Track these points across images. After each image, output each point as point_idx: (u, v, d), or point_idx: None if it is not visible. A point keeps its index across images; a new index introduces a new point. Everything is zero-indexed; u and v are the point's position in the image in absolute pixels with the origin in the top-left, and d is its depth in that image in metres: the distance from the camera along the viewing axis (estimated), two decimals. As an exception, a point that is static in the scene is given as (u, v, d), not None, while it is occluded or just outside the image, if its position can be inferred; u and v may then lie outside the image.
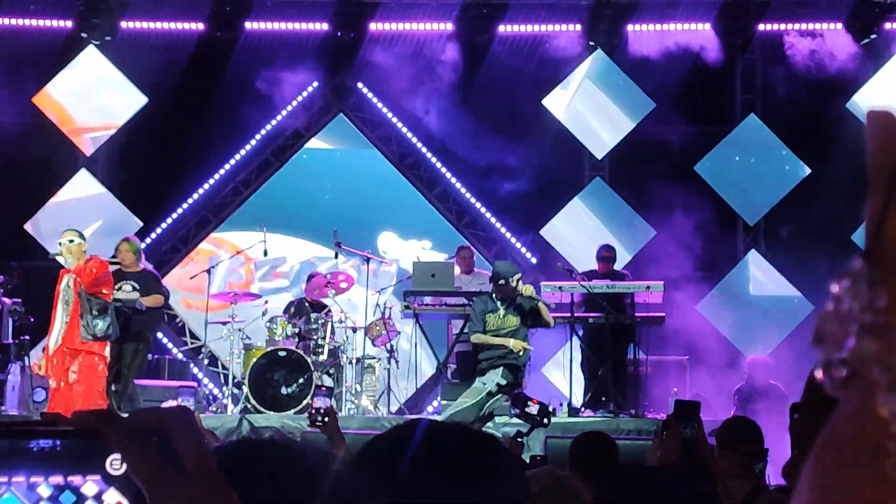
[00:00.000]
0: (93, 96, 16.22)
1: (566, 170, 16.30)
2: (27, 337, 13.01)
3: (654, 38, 15.87)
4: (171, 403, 11.55)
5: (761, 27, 15.93)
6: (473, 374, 12.36)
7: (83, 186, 16.18)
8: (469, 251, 13.68)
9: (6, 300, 12.80)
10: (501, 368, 10.83)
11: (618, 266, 13.80)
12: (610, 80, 16.18)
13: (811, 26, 15.70)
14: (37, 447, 1.24)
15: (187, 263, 16.08)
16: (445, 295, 12.88)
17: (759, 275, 15.79)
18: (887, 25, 15.58)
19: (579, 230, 15.97)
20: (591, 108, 16.21)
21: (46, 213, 15.93)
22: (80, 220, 15.88)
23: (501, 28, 16.10)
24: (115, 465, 1.24)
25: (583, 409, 12.48)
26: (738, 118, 16.15)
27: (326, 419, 5.80)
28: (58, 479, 1.23)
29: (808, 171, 15.68)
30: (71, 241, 11.12)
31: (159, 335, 15.08)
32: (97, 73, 16.20)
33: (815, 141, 15.62)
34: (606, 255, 13.41)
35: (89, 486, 1.25)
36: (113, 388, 11.77)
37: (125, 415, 1.29)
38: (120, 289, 11.97)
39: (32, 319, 13.23)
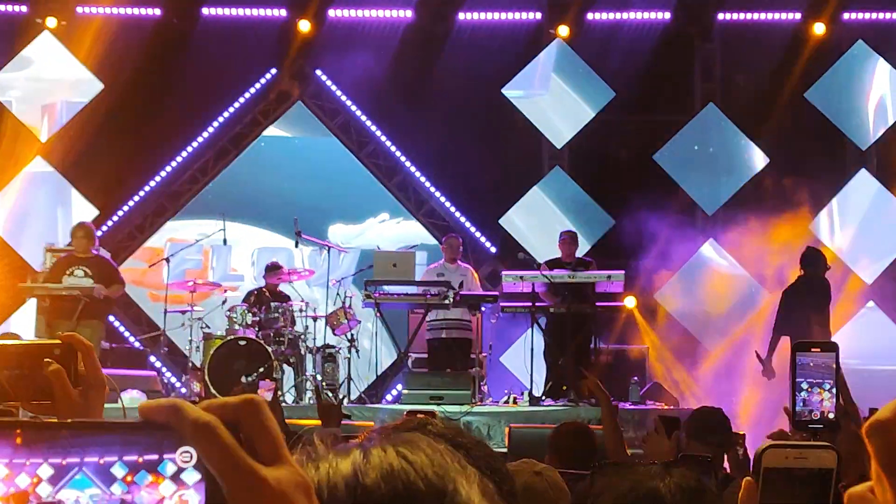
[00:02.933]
0: (48, 81, 16.02)
1: (525, 159, 16.29)
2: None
3: (614, 26, 15.89)
4: (131, 393, 11.45)
5: (721, 16, 15.97)
6: (444, 365, 12.38)
7: (38, 172, 15.99)
8: (456, 240, 13.58)
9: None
10: None
11: (578, 254, 13.79)
12: (570, 69, 16.18)
13: (771, 16, 15.77)
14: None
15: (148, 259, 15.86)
16: (406, 284, 12.84)
17: (717, 263, 15.85)
18: (845, 16, 15.67)
19: (539, 219, 15.97)
20: (550, 96, 16.20)
21: (0, 200, 15.74)
22: (35, 206, 15.74)
23: (461, 16, 16.05)
24: (184, 457, 1.20)
25: (543, 398, 12.50)
26: (697, 107, 16.19)
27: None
28: (133, 458, 1.18)
29: (766, 160, 15.75)
30: None
31: (116, 324, 14.95)
32: (52, 58, 16.00)
33: (774, 130, 15.69)
34: (567, 238, 13.39)
35: (168, 466, 1.20)
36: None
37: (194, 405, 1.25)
38: (71, 274, 11.85)
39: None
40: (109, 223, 15.79)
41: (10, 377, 1.71)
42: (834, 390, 2.66)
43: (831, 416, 2.36)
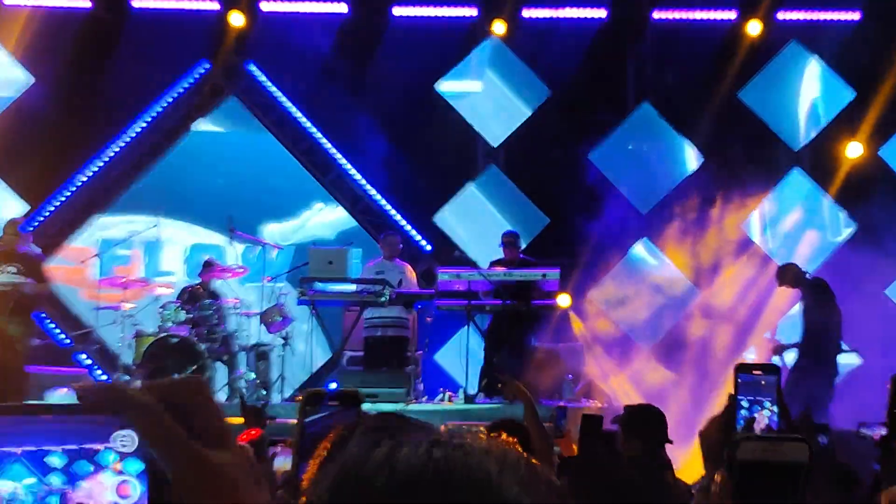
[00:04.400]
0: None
1: (461, 157, 16.25)
2: None
3: (550, 24, 15.91)
4: (60, 391, 11.29)
5: (656, 15, 16.04)
6: (380, 363, 12.31)
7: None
8: (395, 238, 13.55)
9: None
10: None
11: (514, 253, 13.80)
12: (505, 67, 16.18)
13: (706, 15, 15.87)
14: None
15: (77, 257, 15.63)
16: (342, 282, 12.77)
17: (650, 262, 15.93)
18: (780, 16, 15.80)
19: (474, 217, 15.95)
20: (486, 94, 16.19)
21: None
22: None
23: (396, 10, 15.97)
24: (123, 441, 1.15)
25: (478, 396, 12.49)
26: (631, 106, 16.26)
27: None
28: (72, 447, 1.13)
29: (700, 159, 15.85)
30: None
31: (46, 320, 14.73)
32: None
33: (707, 130, 15.80)
34: (509, 240, 13.38)
35: (109, 455, 1.16)
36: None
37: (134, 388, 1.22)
38: (3, 271, 11.68)
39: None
40: (40, 219, 15.54)
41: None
42: (775, 408, 2.67)
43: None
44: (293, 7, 15.97)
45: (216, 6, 15.94)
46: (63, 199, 15.79)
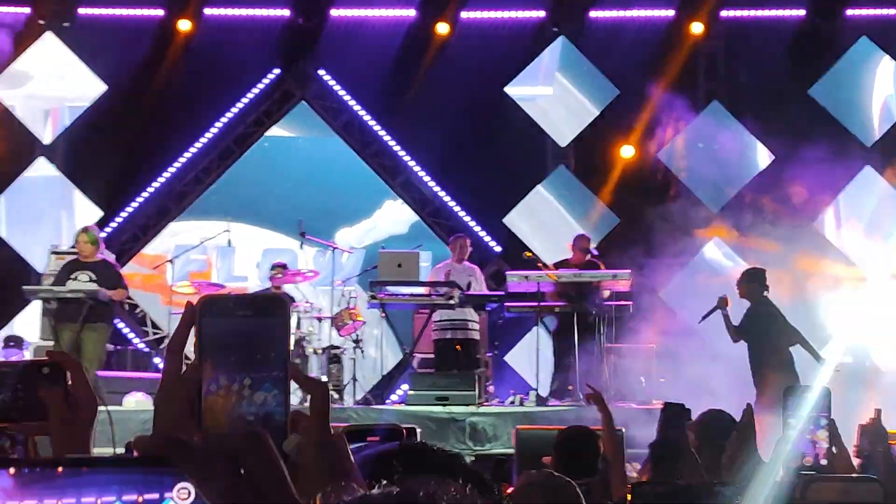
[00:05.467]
0: (51, 84, 16.02)
1: (529, 158, 16.25)
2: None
3: (617, 24, 15.85)
4: (136, 395, 11.43)
5: (724, 13, 15.92)
6: (450, 365, 12.33)
7: (41, 175, 15.98)
8: (464, 240, 13.51)
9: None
10: None
11: (585, 254, 13.76)
12: (574, 67, 16.15)
13: (775, 13, 15.72)
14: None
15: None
16: (412, 284, 12.81)
17: (722, 262, 15.81)
18: (849, 12, 15.62)
19: (542, 218, 15.94)
20: (554, 95, 16.17)
21: (4, 202, 15.74)
22: (39, 209, 15.73)
23: (464, 14, 16.01)
24: (181, 493, 1.17)
25: (549, 398, 12.46)
26: (701, 105, 16.15)
27: None
28: (132, 497, 1.15)
29: (771, 157, 15.71)
30: None
31: (120, 325, 14.92)
32: (56, 60, 15.99)
33: (778, 127, 15.65)
34: (585, 245, 13.33)
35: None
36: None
37: (194, 440, 1.23)
38: (76, 278, 11.82)
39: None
40: (113, 225, 15.77)
41: (2, 399, 1.70)
42: (827, 434, 2.63)
43: (824, 462, 2.33)
44: (362, 12, 16.05)
45: (286, 12, 16.07)
46: (136, 205, 16.01)
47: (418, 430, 4.32)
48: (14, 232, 15.84)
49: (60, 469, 1.13)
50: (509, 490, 6.20)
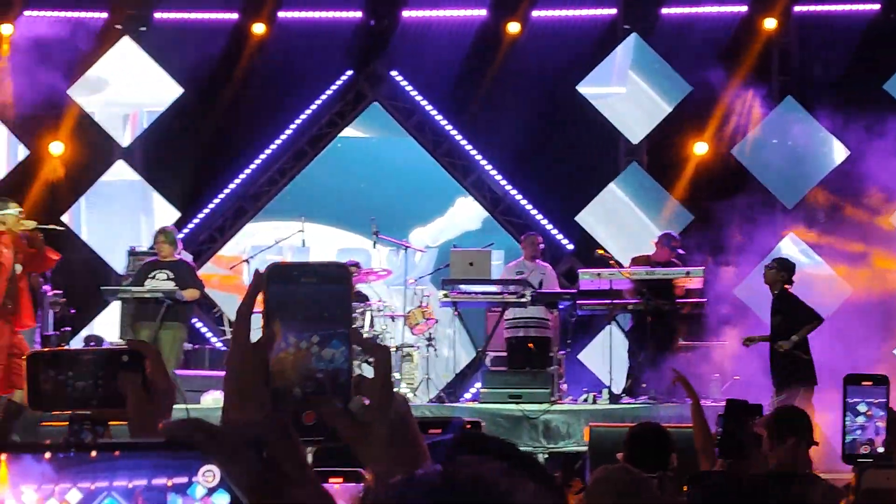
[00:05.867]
0: (128, 88, 16.27)
1: (602, 155, 16.22)
2: (69, 328, 13.16)
3: (689, 20, 15.78)
4: (213, 394, 11.59)
5: (797, 8, 15.77)
6: (523, 363, 12.35)
7: (120, 177, 16.25)
8: (536, 238, 13.52)
9: (48, 292, 12.86)
10: None
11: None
12: (646, 64, 16.09)
13: (848, 7, 15.55)
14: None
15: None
16: (484, 283, 12.85)
17: (798, 256, 15.65)
18: None
19: (615, 216, 15.90)
20: (626, 92, 16.12)
21: (84, 204, 16.02)
22: (118, 210, 15.99)
23: (535, 13, 16.01)
24: (206, 476, 1.20)
25: (623, 396, 12.44)
26: (775, 101, 16.01)
27: None
28: (162, 481, 1.19)
29: (846, 153, 15.54)
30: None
31: (198, 325, 15.12)
32: (132, 64, 16.24)
33: (852, 122, 15.46)
34: (675, 244, 13.26)
35: (197, 489, 1.21)
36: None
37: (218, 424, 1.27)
38: (154, 277, 12.00)
39: (73, 311, 13.35)
40: (191, 226, 15.99)
41: (83, 386, 1.75)
42: (883, 424, 2.62)
43: (880, 449, 2.33)
44: (433, 13, 16.12)
45: (359, 15, 16.19)
46: (213, 206, 16.22)
47: (482, 425, 4.37)
48: (94, 234, 16.12)
49: (94, 454, 1.17)
50: (580, 487, 6.24)
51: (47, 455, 1.16)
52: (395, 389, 1.53)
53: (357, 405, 1.46)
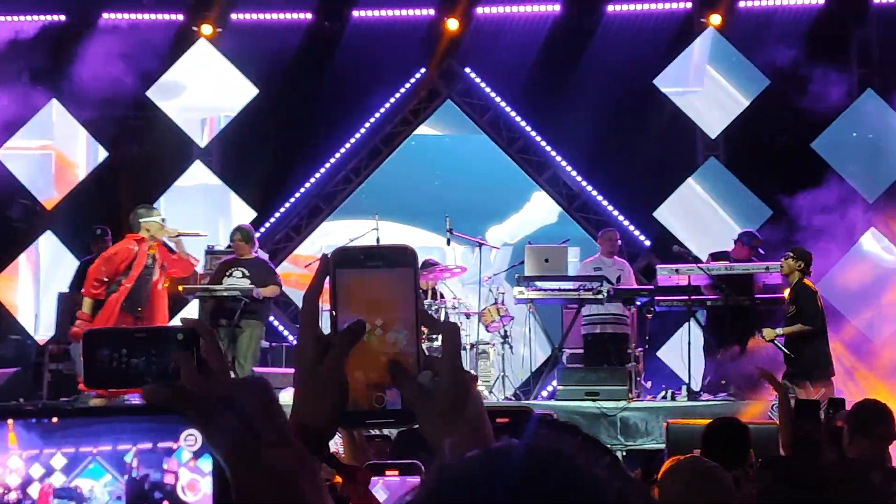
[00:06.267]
0: (205, 88, 16.42)
1: (679, 150, 16.07)
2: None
3: (766, 12, 15.58)
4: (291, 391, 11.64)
5: (876, 0, 15.52)
6: (600, 360, 12.28)
7: (198, 178, 16.41)
8: (614, 234, 13.44)
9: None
10: None
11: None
12: (723, 58, 15.92)
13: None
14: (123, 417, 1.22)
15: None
16: (559, 279, 12.77)
17: (879, 251, 15.41)
18: None
19: (693, 211, 15.75)
20: (703, 86, 15.96)
21: (163, 204, 16.18)
22: (195, 210, 16.14)
23: (610, 7, 15.91)
24: (188, 440, 1.21)
25: (702, 392, 12.30)
26: (854, 93, 15.75)
27: None
28: (147, 446, 1.20)
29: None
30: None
31: (275, 322, 15.20)
32: (208, 66, 16.39)
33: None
34: (756, 243, 13.12)
35: (183, 453, 1.22)
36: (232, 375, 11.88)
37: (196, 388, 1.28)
38: (231, 276, 12.08)
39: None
40: (267, 225, 16.10)
41: (137, 364, 1.74)
42: None
43: None
44: (507, 9, 16.08)
45: (432, 12, 16.19)
46: (288, 205, 16.32)
47: (555, 416, 4.32)
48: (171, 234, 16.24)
49: (81, 419, 1.18)
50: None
51: (26, 420, 1.17)
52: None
53: (425, 378, 1.47)
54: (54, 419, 1.18)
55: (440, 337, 1.54)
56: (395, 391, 1.49)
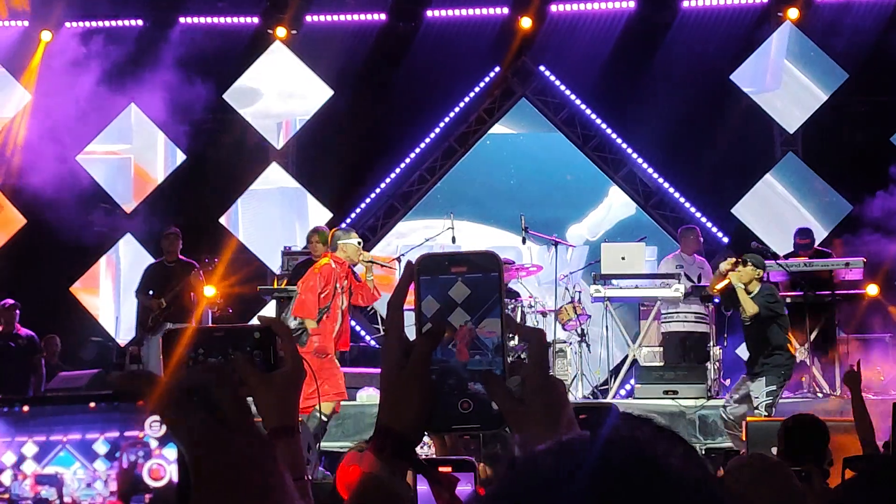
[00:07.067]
0: (280, 90, 16.55)
1: (757, 146, 15.90)
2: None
3: (845, 5, 15.36)
4: (368, 391, 11.69)
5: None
6: (679, 358, 12.19)
7: (274, 179, 16.53)
8: (695, 231, 13.30)
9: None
10: None
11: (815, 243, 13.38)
12: (800, 52, 15.72)
13: None
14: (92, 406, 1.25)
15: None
16: (636, 277, 12.69)
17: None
18: None
19: (772, 207, 15.56)
20: (781, 81, 15.77)
21: (239, 206, 16.34)
22: (272, 212, 16.27)
23: (685, 2, 15.78)
24: (153, 426, 1.23)
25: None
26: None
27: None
28: (114, 435, 1.22)
29: None
30: None
31: (352, 322, 15.26)
32: (284, 68, 16.51)
33: None
34: (802, 242, 12.96)
35: (150, 441, 1.24)
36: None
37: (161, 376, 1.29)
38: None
39: (230, 311, 13.60)
40: (343, 225, 16.14)
41: (214, 363, 1.76)
42: None
43: None
44: (581, 6, 16.01)
45: (506, 11, 16.17)
46: (364, 206, 16.38)
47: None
48: (250, 235, 16.43)
49: (48, 407, 1.21)
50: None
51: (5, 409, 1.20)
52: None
53: (514, 383, 1.48)
54: (25, 408, 1.21)
55: (515, 338, 1.56)
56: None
